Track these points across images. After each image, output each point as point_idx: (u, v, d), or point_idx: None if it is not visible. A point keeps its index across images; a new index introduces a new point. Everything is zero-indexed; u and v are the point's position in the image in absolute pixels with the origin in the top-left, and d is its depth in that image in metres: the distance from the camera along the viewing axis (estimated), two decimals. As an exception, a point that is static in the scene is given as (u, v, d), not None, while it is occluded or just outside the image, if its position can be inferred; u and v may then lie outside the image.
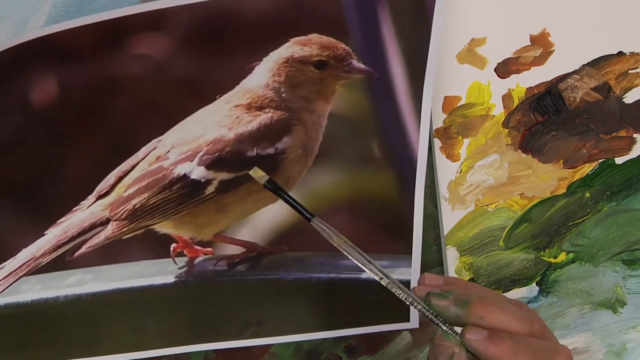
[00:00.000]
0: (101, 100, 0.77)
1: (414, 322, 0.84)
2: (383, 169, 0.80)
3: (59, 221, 0.78)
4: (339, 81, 0.77)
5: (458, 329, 0.63)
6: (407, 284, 0.81)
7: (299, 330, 0.83)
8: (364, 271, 0.80)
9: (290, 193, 0.78)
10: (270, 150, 0.77)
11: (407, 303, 0.65)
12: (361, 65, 0.77)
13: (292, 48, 0.76)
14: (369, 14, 0.76)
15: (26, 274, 0.78)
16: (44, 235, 0.78)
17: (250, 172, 0.66)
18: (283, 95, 0.77)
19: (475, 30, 0.80)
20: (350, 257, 0.65)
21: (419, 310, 0.64)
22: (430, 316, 0.64)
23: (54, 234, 0.78)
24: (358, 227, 0.81)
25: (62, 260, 0.78)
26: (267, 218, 0.80)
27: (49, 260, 0.78)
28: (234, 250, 0.81)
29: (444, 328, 0.63)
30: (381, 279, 0.66)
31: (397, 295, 0.66)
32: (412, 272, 0.82)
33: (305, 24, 0.76)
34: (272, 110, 0.77)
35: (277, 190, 0.66)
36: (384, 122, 0.79)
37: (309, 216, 0.66)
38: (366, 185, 0.81)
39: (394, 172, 0.80)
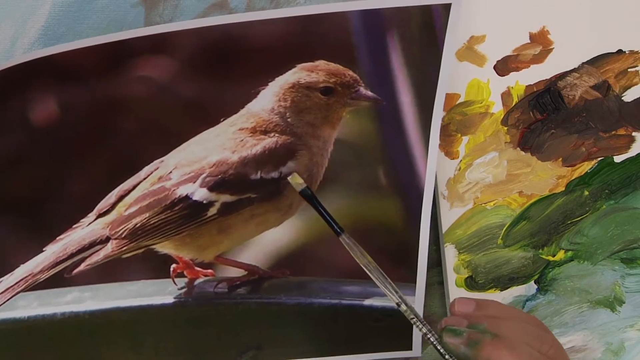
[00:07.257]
0: (104, 120, 0.76)
1: (416, 350, 0.83)
2: (389, 196, 0.79)
3: (58, 238, 0.78)
4: (346, 108, 0.76)
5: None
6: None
7: (299, 355, 0.82)
8: (367, 298, 0.81)
9: (293, 218, 0.78)
10: (274, 174, 0.76)
11: (421, 334, 0.67)
12: (369, 93, 0.76)
13: (298, 74, 0.76)
14: (378, 41, 0.75)
15: (24, 290, 0.77)
16: (43, 251, 0.78)
17: (289, 178, 0.70)
18: (288, 120, 0.76)
19: (475, 27, 0.79)
20: (372, 278, 0.68)
21: (431, 343, 0.65)
22: (441, 351, 0.64)
23: (53, 251, 0.77)
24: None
25: (60, 277, 0.77)
26: (269, 241, 0.80)
27: (47, 277, 0.77)
28: (235, 272, 0.80)
29: None
30: (399, 305, 0.67)
31: (412, 324, 0.68)
32: (416, 300, 0.81)
33: (313, 50, 0.75)
34: (277, 135, 0.76)
35: (312, 199, 0.70)
36: (390, 150, 0.78)
37: (339, 231, 0.69)
38: (371, 212, 0.80)
39: (400, 200, 0.80)
